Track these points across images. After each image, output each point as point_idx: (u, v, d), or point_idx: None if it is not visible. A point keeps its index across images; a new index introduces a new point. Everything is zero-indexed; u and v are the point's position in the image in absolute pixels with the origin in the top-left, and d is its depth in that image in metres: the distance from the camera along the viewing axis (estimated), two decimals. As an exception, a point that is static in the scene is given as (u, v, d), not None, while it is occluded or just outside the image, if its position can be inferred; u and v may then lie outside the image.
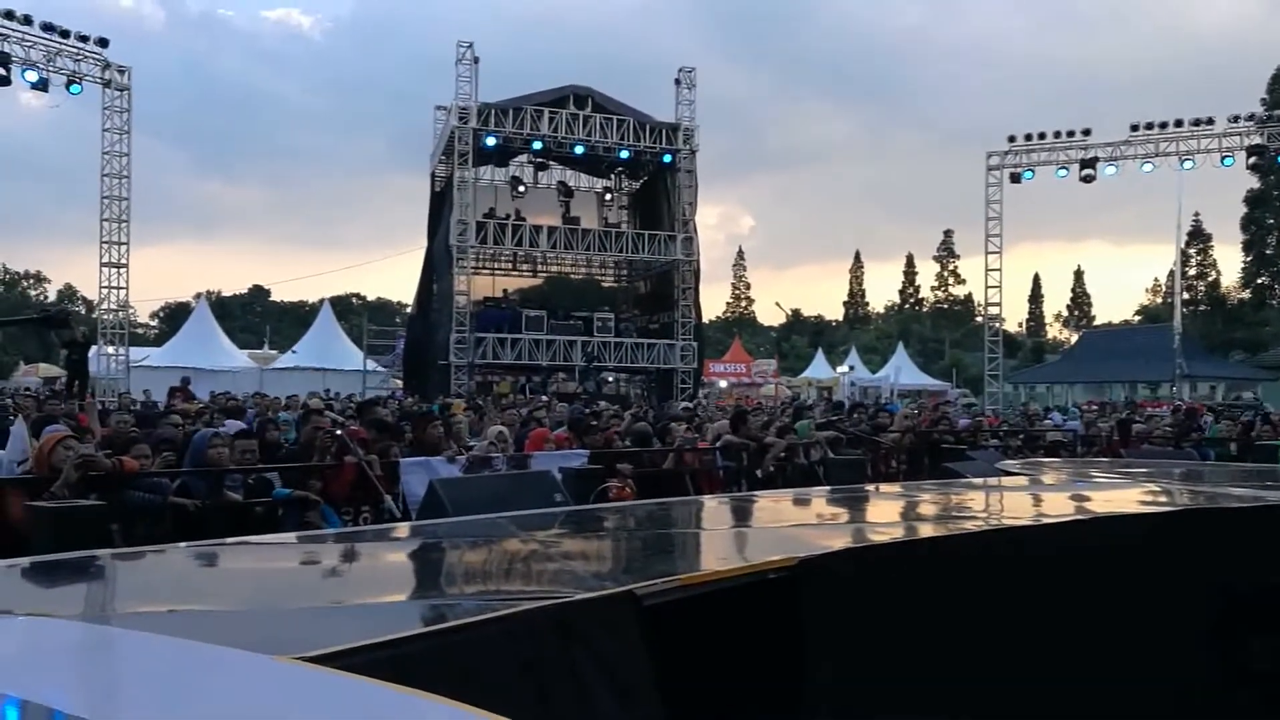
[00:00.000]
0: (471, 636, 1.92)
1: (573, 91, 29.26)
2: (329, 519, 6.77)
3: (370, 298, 78.54)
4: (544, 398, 20.71)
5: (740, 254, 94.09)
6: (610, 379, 29.34)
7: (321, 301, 45.30)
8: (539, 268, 34.81)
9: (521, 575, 2.86)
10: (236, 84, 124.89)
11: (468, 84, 28.20)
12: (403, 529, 5.00)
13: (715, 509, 4.94)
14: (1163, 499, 5.11)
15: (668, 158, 29.79)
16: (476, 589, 2.72)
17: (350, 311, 62.61)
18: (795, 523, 4.34)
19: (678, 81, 30.12)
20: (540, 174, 32.77)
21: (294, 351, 37.33)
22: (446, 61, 28.77)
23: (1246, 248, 51.41)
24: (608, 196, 34.68)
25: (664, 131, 29.72)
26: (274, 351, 42.11)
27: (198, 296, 51.69)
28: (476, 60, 28.22)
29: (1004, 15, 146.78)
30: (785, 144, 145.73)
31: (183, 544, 3.27)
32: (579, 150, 29.21)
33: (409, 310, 39.86)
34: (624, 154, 29.75)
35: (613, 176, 34.25)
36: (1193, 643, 3.92)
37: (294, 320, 64.60)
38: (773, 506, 4.96)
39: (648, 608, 2.28)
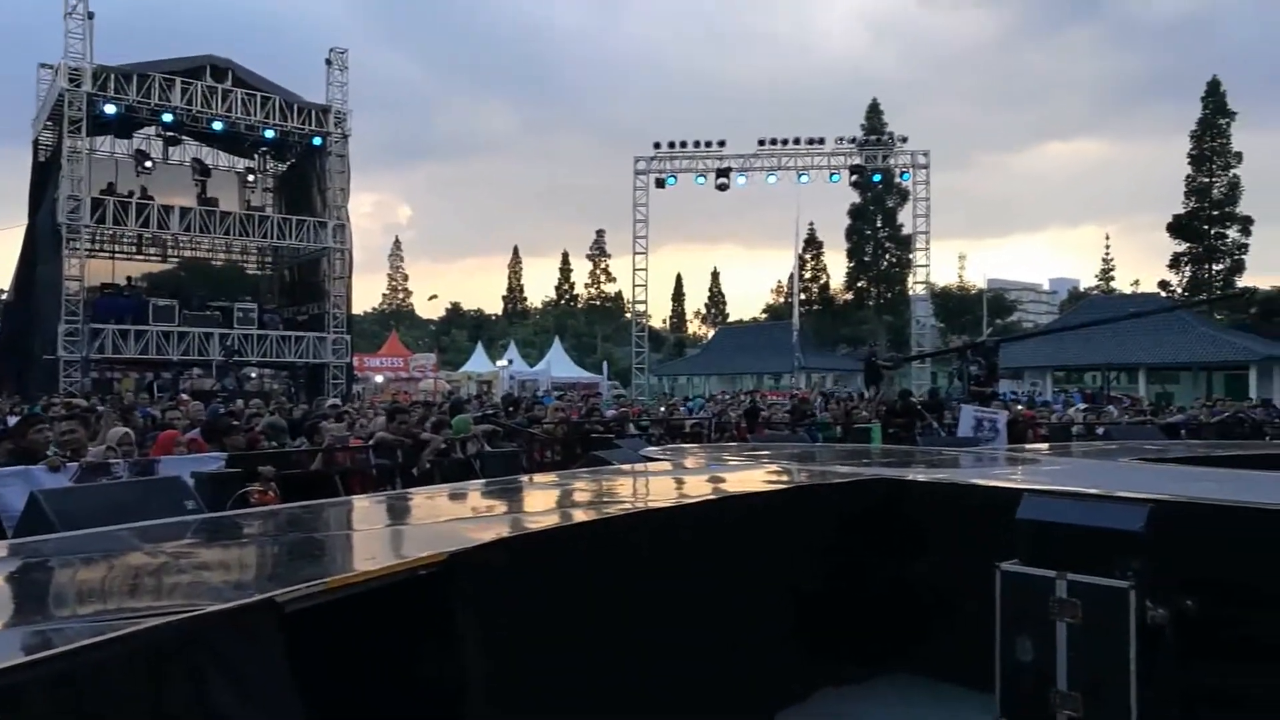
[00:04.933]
0: (87, 661, 1.74)
1: (210, 62, 26.99)
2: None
3: (-48, 282, 67.02)
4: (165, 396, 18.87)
5: (397, 244, 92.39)
6: (253, 374, 27.40)
7: (-118, 285, 37.86)
8: (170, 252, 31.74)
9: (148, 590, 2.62)
10: None
11: (80, 41, 24.96)
12: (-4, 549, 4.33)
13: (367, 509, 4.81)
14: (784, 477, 5.74)
15: (318, 140, 28.41)
16: (92, 609, 2.45)
17: (-75, 297, 52.92)
18: (450, 518, 4.36)
19: (329, 62, 28.78)
20: (171, 149, 29.80)
21: None
22: (52, 12, 25.26)
23: (850, 255, 58.92)
24: (250, 178, 32.32)
25: (314, 113, 28.28)
26: None
27: None
28: (91, 15, 25.06)
29: (662, 27, 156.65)
30: (447, 136, 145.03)
31: None
32: (217, 126, 27.02)
33: (5, 298, 34.50)
34: (269, 134, 27.98)
35: (256, 157, 31.99)
36: (811, 602, 4.46)
37: None
38: (427, 503, 4.93)
39: (290, 615, 2.19)
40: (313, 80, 29.57)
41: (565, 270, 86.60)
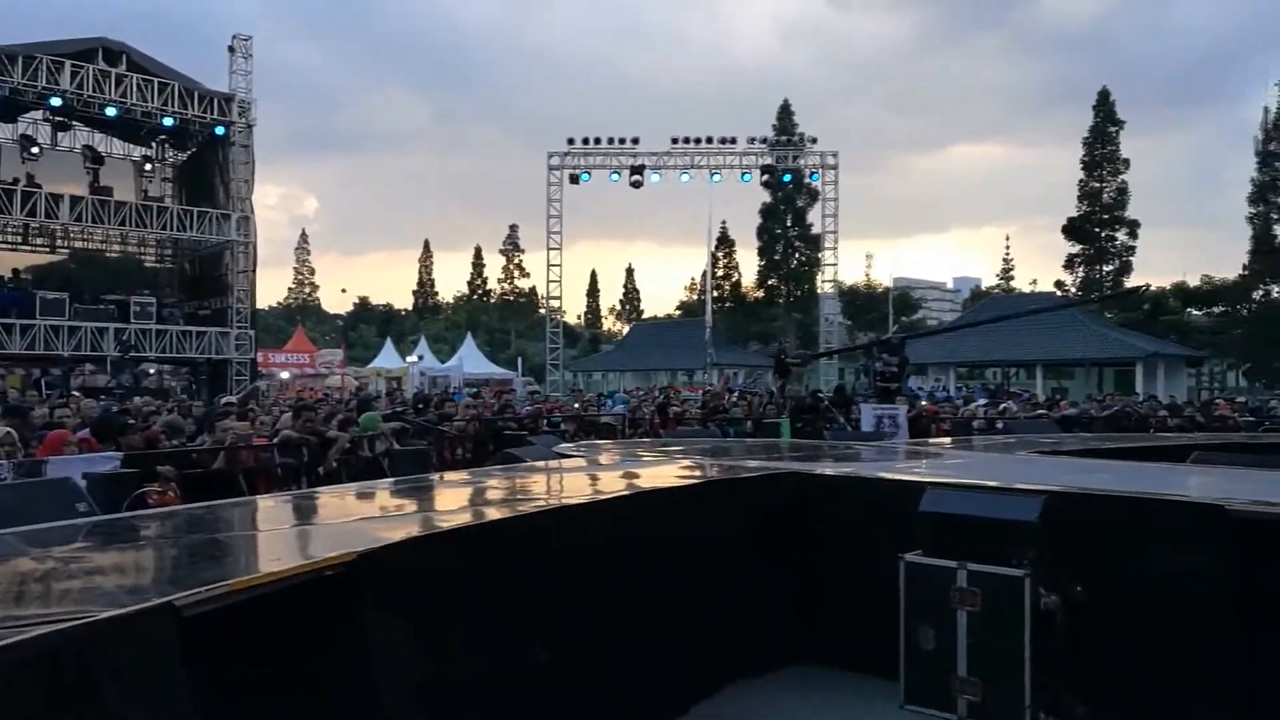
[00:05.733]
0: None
1: (103, 44, 25.79)
2: None
3: None
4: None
5: (304, 237, 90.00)
6: (151, 371, 26.34)
7: None
8: (59, 243, 30.27)
9: (35, 597, 2.50)
10: None
11: (-41, 20, 23.66)
12: None
13: (271, 509, 4.69)
14: (696, 472, 5.80)
15: (220, 129, 27.47)
16: (-27, 619, 2.32)
17: None
18: (357, 517, 4.28)
19: (231, 50, 27.86)
20: (60, 135, 28.42)
21: None
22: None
23: (761, 253, 59.76)
24: (148, 167, 31.06)
25: (216, 101, 27.33)
26: None
27: None
28: (-28, -6, 23.75)
29: (575, 22, 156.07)
30: (357, 127, 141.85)
31: None
32: (111, 112, 25.83)
33: (-123, 288, 32.50)
34: (168, 121, 26.89)
35: (154, 145, 30.76)
36: (723, 595, 4.51)
37: None
38: (333, 502, 4.83)
39: (190, 619, 2.12)
40: (215, 70, 28.64)
41: (478, 265, 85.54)
